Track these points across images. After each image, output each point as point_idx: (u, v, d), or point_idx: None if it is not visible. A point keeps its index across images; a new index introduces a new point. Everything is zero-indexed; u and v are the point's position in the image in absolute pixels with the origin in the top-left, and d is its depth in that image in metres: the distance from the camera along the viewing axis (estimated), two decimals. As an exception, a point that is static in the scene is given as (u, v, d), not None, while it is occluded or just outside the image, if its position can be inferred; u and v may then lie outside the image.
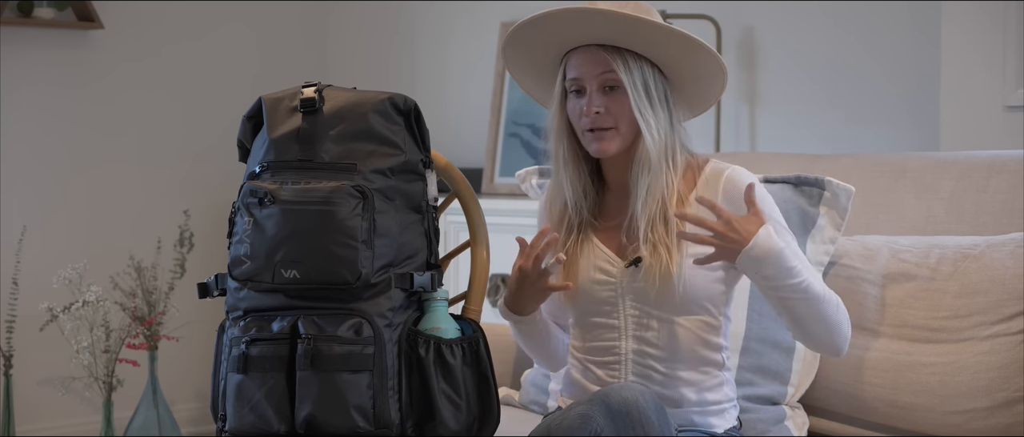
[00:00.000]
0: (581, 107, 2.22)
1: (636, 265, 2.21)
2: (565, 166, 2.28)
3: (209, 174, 4.77)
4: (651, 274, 2.19)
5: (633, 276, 2.22)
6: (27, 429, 4.38)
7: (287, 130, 2.15)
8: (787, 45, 3.93)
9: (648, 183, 2.21)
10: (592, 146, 2.23)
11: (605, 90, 2.21)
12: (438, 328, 2.15)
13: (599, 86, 2.21)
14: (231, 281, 2.14)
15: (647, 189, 2.21)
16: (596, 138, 2.22)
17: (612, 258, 2.25)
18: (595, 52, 2.21)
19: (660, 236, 2.19)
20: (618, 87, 2.21)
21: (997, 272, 2.39)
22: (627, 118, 2.21)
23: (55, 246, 4.44)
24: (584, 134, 2.24)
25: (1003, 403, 2.33)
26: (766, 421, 2.46)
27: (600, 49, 2.21)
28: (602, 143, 2.22)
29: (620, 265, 2.23)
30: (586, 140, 2.24)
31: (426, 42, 4.86)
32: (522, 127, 4.42)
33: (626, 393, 2.02)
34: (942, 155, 2.71)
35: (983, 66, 3.29)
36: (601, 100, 2.21)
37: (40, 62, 4.42)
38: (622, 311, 2.24)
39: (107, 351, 4.21)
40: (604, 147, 2.22)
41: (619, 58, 2.20)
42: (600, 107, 2.21)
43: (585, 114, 2.21)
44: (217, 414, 2.16)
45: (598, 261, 2.25)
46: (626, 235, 2.24)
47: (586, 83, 2.22)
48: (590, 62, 2.21)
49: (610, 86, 2.21)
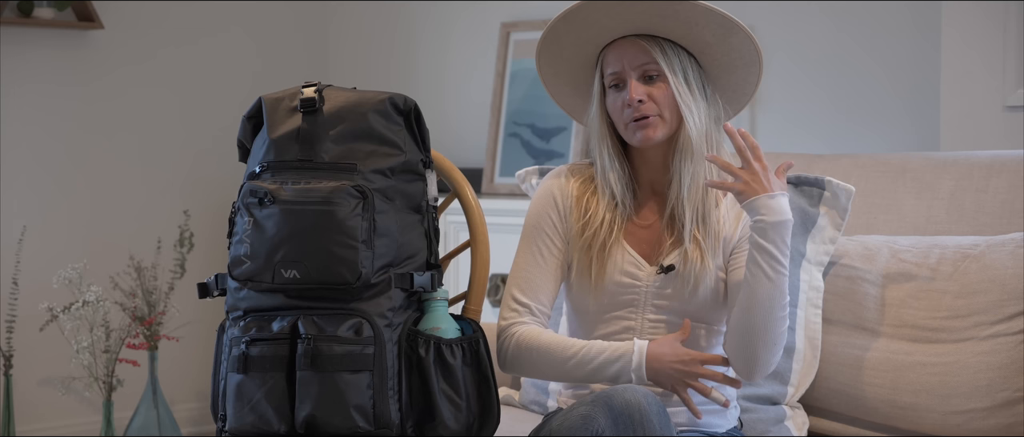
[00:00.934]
0: (623, 99, 2.21)
1: (666, 272, 2.21)
2: (611, 164, 2.26)
3: (209, 174, 4.77)
4: (685, 280, 2.20)
5: (662, 282, 2.23)
6: (27, 429, 4.38)
7: (287, 130, 2.15)
8: (787, 45, 3.93)
9: (693, 171, 2.21)
10: (636, 135, 2.21)
11: (646, 80, 2.21)
12: (438, 328, 2.15)
13: (640, 76, 2.21)
14: (231, 281, 2.14)
15: (691, 177, 2.21)
16: (640, 126, 2.21)
17: (640, 262, 2.25)
18: (633, 42, 2.21)
19: (700, 236, 2.21)
20: (659, 76, 2.21)
21: (997, 272, 2.39)
22: (670, 106, 2.21)
23: (55, 246, 4.44)
24: (627, 126, 2.22)
25: (1003, 403, 2.33)
26: (766, 421, 2.46)
27: (638, 39, 2.21)
28: (646, 131, 2.21)
29: (648, 270, 2.24)
30: (629, 131, 2.22)
31: (426, 42, 4.86)
32: (522, 127, 4.42)
33: (628, 395, 2.02)
34: (942, 155, 2.70)
35: (983, 66, 3.29)
36: (642, 89, 2.20)
37: (40, 62, 4.42)
38: (641, 314, 2.24)
39: (107, 351, 4.20)
40: (649, 134, 2.21)
41: (657, 47, 2.20)
42: (642, 96, 2.20)
43: (627, 105, 2.20)
44: (217, 414, 2.16)
45: (625, 264, 2.25)
46: (666, 231, 2.25)
47: (626, 75, 2.21)
48: (629, 53, 2.21)
49: (651, 75, 2.21)
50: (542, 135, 4.39)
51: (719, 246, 2.23)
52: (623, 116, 2.22)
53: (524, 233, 2.33)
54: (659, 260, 2.24)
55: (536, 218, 2.32)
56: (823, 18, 3.87)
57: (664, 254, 2.24)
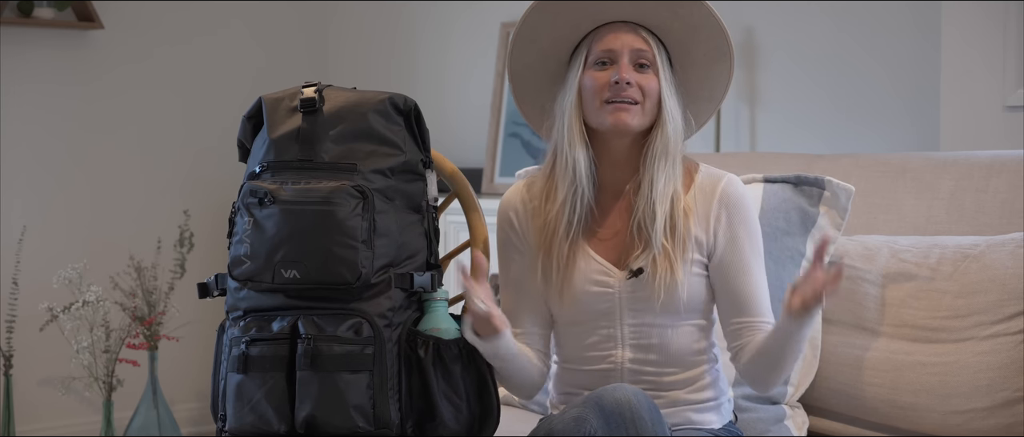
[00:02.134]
0: (609, 76, 2.16)
1: (637, 276, 2.17)
2: (573, 150, 2.18)
3: (209, 174, 4.77)
4: (656, 284, 2.15)
5: (634, 287, 2.18)
6: (27, 429, 4.38)
7: (287, 130, 2.15)
8: (787, 45, 3.93)
9: (665, 175, 2.16)
10: (610, 117, 2.15)
11: (638, 67, 2.18)
12: (438, 328, 2.14)
13: (633, 61, 2.17)
14: (231, 281, 2.14)
15: (663, 181, 2.16)
16: (619, 109, 2.15)
17: (609, 268, 2.20)
18: (631, 28, 2.18)
19: (669, 246, 2.15)
20: (650, 67, 2.18)
21: (997, 272, 2.39)
22: (653, 98, 2.17)
23: (55, 246, 4.44)
24: (603, 105, 2.15)
25: (1003, 403, 2.33)
26: (766, 420, 2.46)
27: (635, 26, 2.18)
28: (623, 115, 2.14)
29: (619, 275, 2.20)
30: (605, 112, 2.15)
31: (426, 42, 4.86)
32: (522, 127, 4.42)
33: (619, 394, 2.01)
34: (942, 155, 2.71)
35: (983, 66, 3.29)
36: (634, 74, 2.17)
37: (40, 62, 4.42)
38: (619, 321, 2.21)
39: (107, 351, 4.21)
40: (624, 118, 2.14)
41: (652, 38, 2.18)
42: (632, 79, 2.15)
43: (614, 83, 2.14)
44: (217, 414, 2.16)
45: (593, 273, 2.20)
46: (635, 235, 2.18)
47: (620, 55, 2.17)
48: (627, 37, 2.17)
49: (643, 64, 2.17)
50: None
51: (690, 251, 2.18)
52: (602, 94, 2.15)
53: (498, 254, 2.30)
54: (628, 264, 2.18)
55: (501, 242, 2.28)
56: (823, 18, 3.87)
57: (633, 259, 2.18)
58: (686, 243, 2.17)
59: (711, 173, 2.23)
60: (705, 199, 2.20)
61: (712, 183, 2.21)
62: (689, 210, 2.19)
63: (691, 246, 2.18)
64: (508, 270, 2.27)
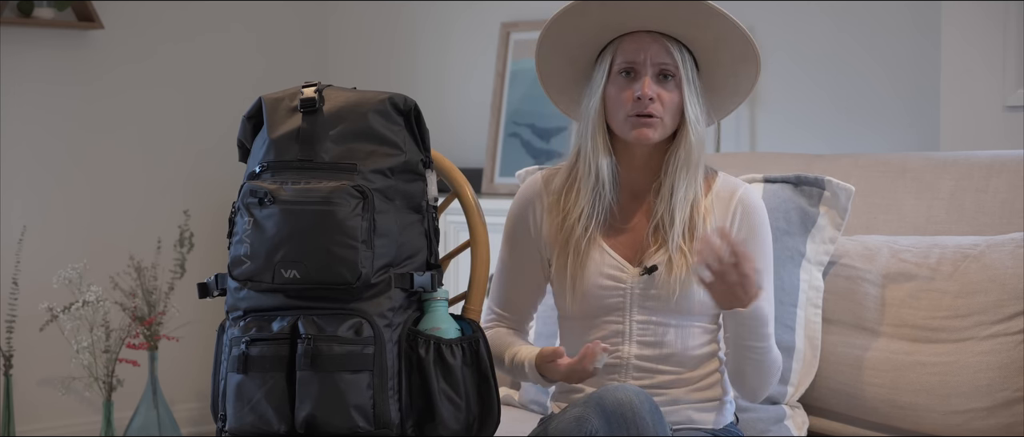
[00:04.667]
0: (632, 90, 2.18)
1: (650, 273, 2.20)
2: (597, 157, 2.22)
3: (209, 174, 4.77)
4: (670, 283, 2.18)
5: (646, 284, 2.21)
6: (27, 429, 4.38)
7: (287, 130, 2.15)
8: (787, 45, 3.93)
9: (686, 182, 2.19)
10: (633, 132, 2.18)
11: (660, 78, 2.19)
12: (438, 328, 2.14)
13: (656, 73, 2.18)
14: (231, 281, 2.14)
15: (684, 188, 2.19)
16: (641, 123, 2.17)
17: (622, 264, 2.22)
18: (655, 38, 2.19)
19: (686, 247, 2.18)
20: (673, 78, 2.19)
21: (997, 272, 2.39)
22: (673, 111, 2.19)
23: (55, 246, 4.44)
24: (627, 119, 2.18)
25: (1003, 403, 2.33)
26: (766, 420, 2.46)
27: (659, 36, 2.19)
28: (645, 130, 2.17)
29: (632, 272, 2.22)
30: (628, 125, 2.19)
31: (426, 42, 4.86)
32: (522, 127, 4.42)
33: (620, 394, 2.01)
34: (942, 155, 2.71)
35: (983, 66, 3.29)
36: (655, 88, 2.18)
37: (40, 62, 4.42)
38: (628, 317, 2.23)
39: (107, 351, 4.21)
40: (646, 134, 2.17)
41: (675, 47, 2.18)
42: (654, 95, 2.17)
43: (637, 98, 2.17)
44: (217, 414, 2.16)
45: (606, 268, 2.22)
46: (652, 235, 2.21)
47: (643, 68, 2.18)
48: (651, 48, 2.18)
49: (667, 75, 2.18)
50: (542, 135, 4.39)
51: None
52: (627, 108, 2.18)
53: (503, 239, 2.33)
54: (642, 262, 2.21)
55: (511, 228, 2.31)
56: (823, 18, 3.87)
57: (648, 257, 2.21)
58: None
59: (729, 183, 2.26)
60: (722, 205, 2.24)
61: (729, 191, 2.25)
62: (708, 213, 2.22)
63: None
64: (511, 255, 2.31)
